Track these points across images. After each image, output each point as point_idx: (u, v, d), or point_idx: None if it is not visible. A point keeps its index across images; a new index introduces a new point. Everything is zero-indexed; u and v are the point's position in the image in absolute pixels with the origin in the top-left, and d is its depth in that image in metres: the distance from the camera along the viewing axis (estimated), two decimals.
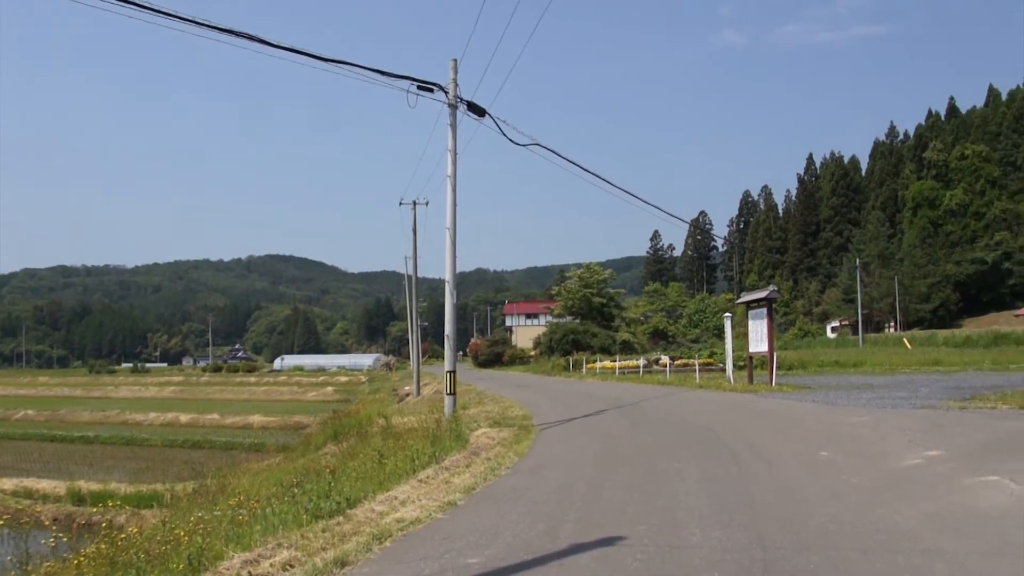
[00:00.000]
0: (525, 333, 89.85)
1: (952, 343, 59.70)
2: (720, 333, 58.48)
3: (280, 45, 13.14)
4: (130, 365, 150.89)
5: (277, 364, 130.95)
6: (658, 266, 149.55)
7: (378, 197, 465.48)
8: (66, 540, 14.69)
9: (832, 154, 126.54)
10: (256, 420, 48.09)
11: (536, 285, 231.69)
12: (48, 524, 20.60)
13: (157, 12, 10.74)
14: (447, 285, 18.17)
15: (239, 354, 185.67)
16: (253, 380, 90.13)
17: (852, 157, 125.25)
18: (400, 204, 40.53)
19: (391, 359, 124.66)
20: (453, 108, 17.52)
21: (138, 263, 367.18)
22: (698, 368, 35.56)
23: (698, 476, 9.41)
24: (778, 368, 27.04)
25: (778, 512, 7.36)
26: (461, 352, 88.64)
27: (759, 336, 25.15)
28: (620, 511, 7.69)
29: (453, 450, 12.91)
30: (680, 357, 48.92)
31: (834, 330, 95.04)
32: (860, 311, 78.81)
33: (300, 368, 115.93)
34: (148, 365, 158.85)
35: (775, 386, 24.05)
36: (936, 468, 9.03)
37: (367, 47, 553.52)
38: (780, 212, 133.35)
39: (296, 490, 11.90)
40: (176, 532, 10.65)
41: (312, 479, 13.23)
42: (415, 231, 40.39)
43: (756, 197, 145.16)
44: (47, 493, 25.81)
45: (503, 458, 11.92)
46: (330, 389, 71.45)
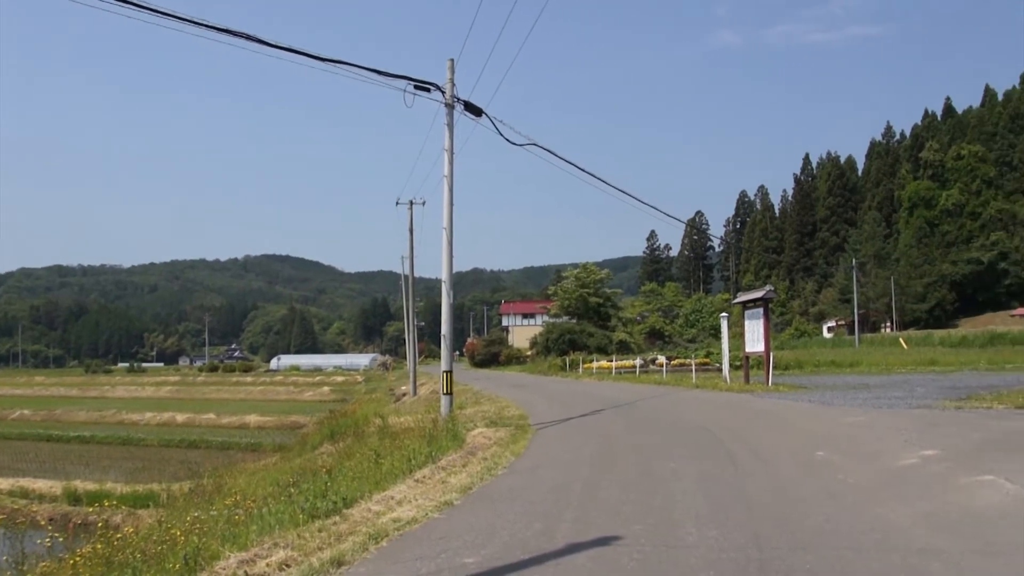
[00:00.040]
0: (522, 333, 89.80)
1: (948, 343, 59.83)
2: (716, 333, 58.40)
3: (277, 45, 13.14)
4: (126, 365, 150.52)
5: (273, 364, 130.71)
6: (655, 266, 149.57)
7: (375, 197, 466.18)
8: (62, 540, 14.69)
9: (828, 154, 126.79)
10: (252, 420, 48.08)
11: (533, 285, 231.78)
12: (44, 524, 20.59)
13: (155, 12, 10.74)
14: (444, 285, 18.17)
15: (235, 354, 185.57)
16: (249, 380, 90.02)
17: (848, 157, 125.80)
18: (397, 204, 40.54)
19: (388, 359, 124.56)
20: (450, 108, 17.52)
21: (134, 263, 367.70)
22: (694, 368, 35.59)
23: (694, 476, 9.41)
24: (774, 368, 27.10)
25: (774, 512, 7.37)
26: (458, 352, 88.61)
27: (755, 336, 25.18)
28: (616, 511, 7.69)
29: (450, 450, 12.91)
30: (676, 357, 48.98)
31: (830, 330, 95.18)
32: (856, 311, 78.92)
33: (296, 368, 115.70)
34: (144, 365, 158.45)
35: (771, 386, 24.08)
36: (932, 468, 9.04)
37: (366, 47, 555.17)
38: (776, 212, 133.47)
39: (292, 490, 11.90)
40: (172, 532, 10.64)
41: (308, 479, 13.23)
42: (412, 231, 40.40)
43: (752, 197, 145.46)
44: (43, 493, 25.81)
45: (500, 458, 11.92)
46: (326, 389, 71.41)
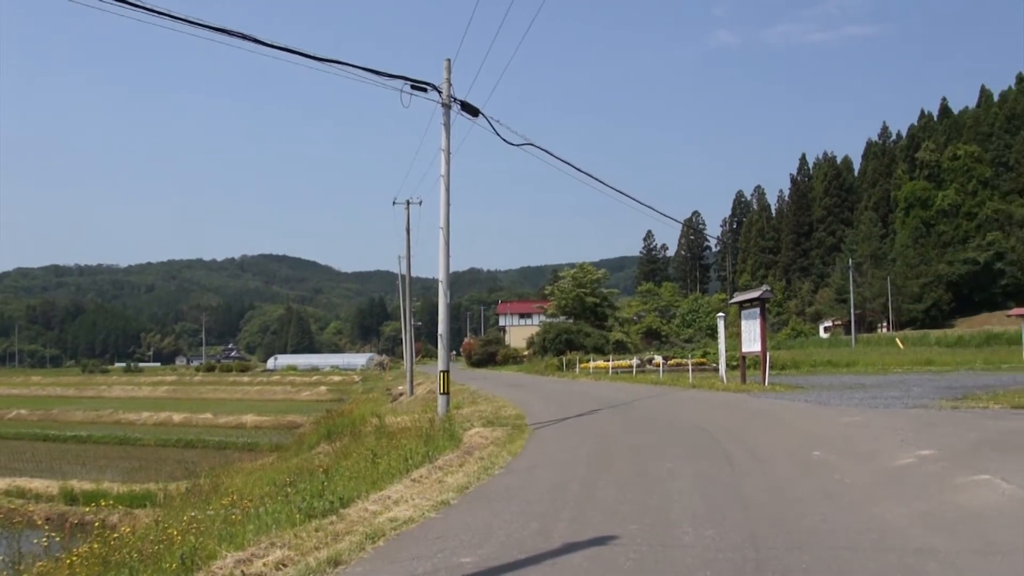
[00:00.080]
0: (518, 333, 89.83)
1: (944, 343, 59.93)
2: (713, 333, 58.46)
3: (274, 44, 13.13)
4: (123, 365, 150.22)
5: (270, 364, 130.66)
6: (651, 266, 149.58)
7: (372, 197, 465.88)
8: (59, 540, 14.67)
9: (825, 154, 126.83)
10: (249, 419, 48.01)
11: (530, 285, 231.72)
12: (41, 523, 20.53)
13: (152, 12, 10.73)
14: (440, 285, 18.17)
15: (232, 354, 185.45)
16: (246, 380, 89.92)
17: (845, 157, 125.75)
18: (394, 204, 40.60)
19: (385, 359, 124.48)
20: (447, 108, 17.54)
21: (131, 262, 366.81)
22: (691, 368, 35.65)
23: (691, 475, 9.42)
24: (771, 368, 27.13)
25: (771, 511, 7.38)
26: (454, 352, 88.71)
27: (752, 336, 25.21)
28: (613, 510, 7.69)
29: (447, 449, 12.91)
30: (673, 357, 49.02)
31: (827, 330, 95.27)
32: (853, 311, 79.04)
33: (293, 368, 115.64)
34: (141, 365, 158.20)
35: (768, 386, 24.10)
36: (928, 467, 9.06)
37: (366, 48, 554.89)
38: (773, 212, 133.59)
39: (289, 489, 11.90)
40: (169, 531, 10.62)
41: (305, 478, 13.23)
42: (408, 231, 40.44)
43: (749, 197, 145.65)
44: (40, 492, 25.76)
45: (496, 457, 11.92)
46: (323, 389, 71.34)
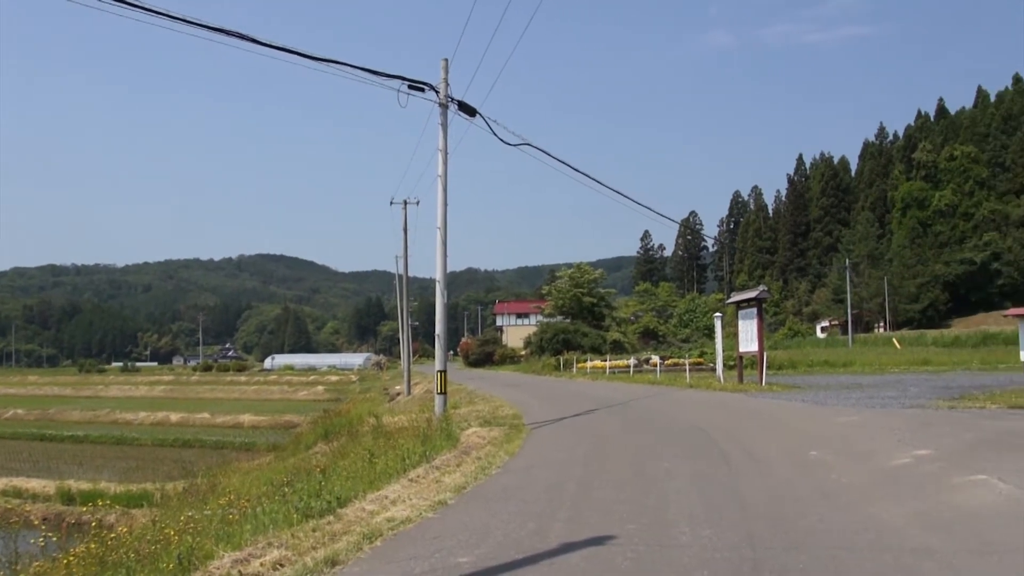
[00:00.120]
0: (516, 333, 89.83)
1: (941, 343, 60.01)
2: (710, 333, 58.55)
3: (271, 44, 13.11)
4: (120, 364, 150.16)
5: (267, 363, 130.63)
6: (648, 266, 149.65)
7: (369, 197, 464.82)
8: (55, 539, 14.63)
9: (822, 155, 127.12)
10: (246, 419, 47.96)
11: (527, 285, 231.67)
12: (37, 523, 20.48)
13: (149, 11, 10.71)
14: (438, 285, 18.16)
15: (229, 353, 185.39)
16: (243, 379, 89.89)
17: (842, 158, 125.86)
18: (391, 204, 40.63)
19: (382, 358, 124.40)
20: (444, 108, 17.52)
21: (128, 262, 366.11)
22: (688, 368, 35.67)
23: (688, 475, 9.43)
24: (768, 368, 27.13)
25: (768, 511, 7.38)
26: (452, 351, 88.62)
27: (749, 336, 25.23)
28: (610, 510, 7.70)
29: (444, 449, 12.91)
30: (670, 357, 49.03)
31: (824, 330, 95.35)
32: (850, 311, 79.14)
33: (290, 367, 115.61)
34: (138, 364, 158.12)
35: (765, 386, 24.13)
36: (925, 467, 9.07)
37: (365, 48, 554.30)
38: (770, 212, 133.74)
39: (286, 489, 11.88)
40: (166, 531, 10.61)
41: (302, 478, 13.21)
42: (406, 231, 40.46)
43: (746, 197, 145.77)
44: (36, 492, 25.72)
45: (494, 457, 11.93)
46: (321, 388, 71.29)
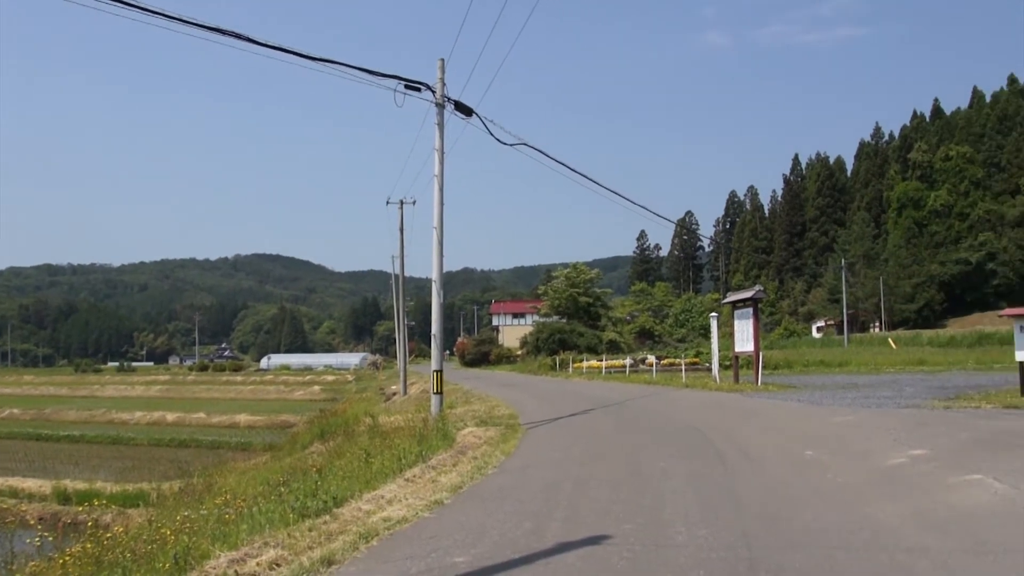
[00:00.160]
0: (512, 332, 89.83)
1: (936, 343, 60.02)
2: (706, 333, 58.60)
3: (268, 44, 13.09)
4: (116, 364, 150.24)
5: (264, 363, 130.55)
6: (645, 266, 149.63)
7: (365, 196, 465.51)
8: (51, 539, 14.61)
9: (818, 155, 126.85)
10: (243, 419, 47.95)
11: (523, 285, 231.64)
12: (33, 523, 20.47)
13: (146, 11, 10.71)
14: (434, 284, 18.16)
15: (226, 353, 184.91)
16: (240, 379, 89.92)
17: (838, 158, 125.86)
18: (387, 203, 40.60)
19: (378, 358, 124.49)
20: (440, 107, 17.53)
21: (124, 262, 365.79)
22: (684, 368, 35.68)
23: (684, 475, 9.44)
24: (764, 368, 27.15)
25: (764, 511, 7.40)
26: (448, 351, 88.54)
27: (745, 336, 25.23)
28: (606, 510, 7.70)
29: (440, 449, 12.91)
30: (666, 357, 49.07)
31: (819, 330, 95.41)
32: (845, 311, 79.18)
33: (287, 367, 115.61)
34: (134, 364, 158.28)
35: (761, 385, 24.13)
36: (921, 467, 9.08)
37: (364, 48, 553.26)
38: (766, 212, 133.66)
39: (283, 489, 11.87)
40: (162, 531, 10.61)
41: (299, 478, 13.21)
42: (402, 230, 40.41)
43: (742, 197, 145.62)
44: (32, 492, 25.68)
45: (490, 457, 11.94)
46: (317, 388, 71.29)
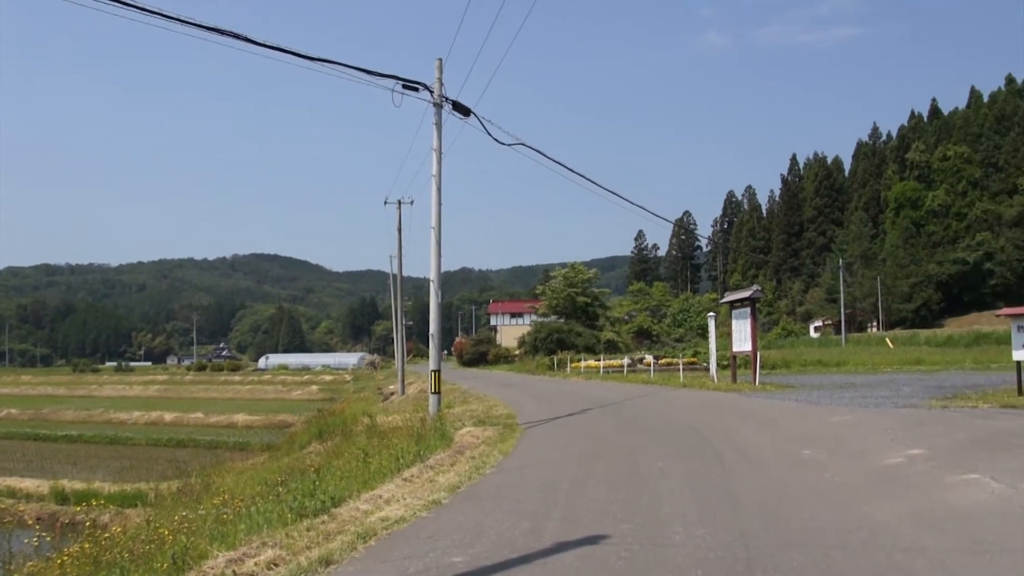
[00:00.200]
0: (510, 332, 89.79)
1: (934, 343, 60.10)
2: (704, 332, 58.56)
3: (266, 44, 13.08)
4: (114, 364, 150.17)
5: (262, 363, 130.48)
6: (642, 266, 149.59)
7: (363, 196, 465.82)
8: (49, 539, 14.62)
9: (815, 155, 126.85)
10: (241, 419, 47.88)
11: (521, 284, 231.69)
12: (31, 523, 20.50)
13: (144, 11, 10.70)
14: (432, 284, 18.17)
15: (223, 353, 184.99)
16: (238, 379, 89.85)
17: (835, 158, 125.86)
18: (385, 203, 40.64)
19: (376, 358, 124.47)
20: (438, 107, 17.54)
21: (122, 262, 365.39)
22: (682, 367, 35.67)
23: (682, 475, 9.44)
24: (761, 367, 27.18)
25: (761, 510, 7.40)
26: (446, 351, 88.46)
27: (743, 335, 25.24)
28: (604, 510, 7.71)
29: (438, 449, 12.91)
30: (664, 356, 49.10)
31: (817, 330, 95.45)
32: (843, 311, 79.25)
33: (285, 367, 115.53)
34: (132, 364, 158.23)
35: (758, 385, 24.14)
36: (918, 467, 9.09)
37: (364, 48, 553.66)
38: (764, 212, 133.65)
39: (281, 489, 11.87)
40: (160, 531, 10.60)
41: (297, 478, 13.20)
42: (400, 230, 40.46)
43: (740, 197, 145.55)
44: (30, 492, 25.64)
45: (488, 457, 11.94)
46: (315, 388, 71.21)
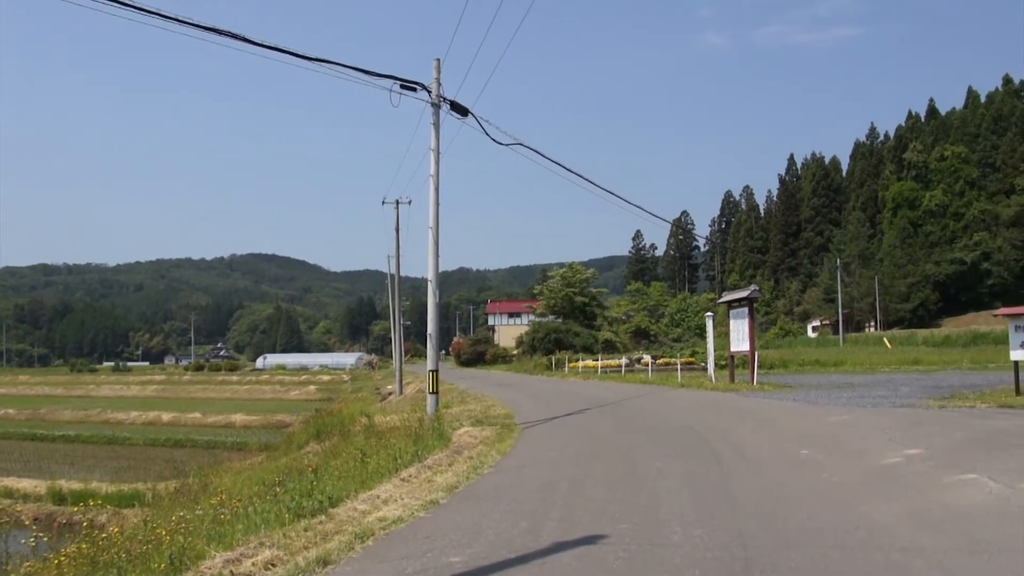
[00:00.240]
0: (508, 332, 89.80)
1: (932, 342, 60.16)
2: (702, 332, 58.53)
3: (264, 44, 13.07)
4: (112, 364, 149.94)
5: (259, 363, 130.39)
6: (640, 266, 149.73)
7: (361, 196, 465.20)
8: (47, 540, 14.62)
9: (813, 155, 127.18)
10: (238, 419, 47.86)
11: (519, 284, 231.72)
12: (28, 523, 20.44)
13: (142, 11, 10.69)
14: (430, 284, 18.16)
15: (221, 353, 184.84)
16: (235, 379, 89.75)
17: (833, 158, 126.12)
18: (383, 203, 40.61)
19: (374, 358, 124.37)
20: (436, 107, 17.54)
21: (120, 261, 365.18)
22: (680, 367, 35.71)
23: (680, 475, 9.43)
24: (759, 367, 27.18)
25: (759, 510, 7.39)
26: (444, 351, 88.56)
27: (740, 335, 25.24)
28: (602, 510, 7.70)
29: (436, 449, 12.91)
30: (662, 356, 49.10)
31: (815, 329, 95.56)
32: (841, 311, 79.30)
33: (282, 367, 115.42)
34: (130, 364, 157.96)
35: (756, 385, 24.14)
36: (916, 466, 9.08)
37: (363, 48, 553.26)
38: (762, 212, 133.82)
39: (278, 489, 11.86)
40: (158, 531, 10.57)
41: (294, 478, 13.20)
42: (398, 230, 40.41)
43: (738, 197, 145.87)
44: (28, 492, 25.62)
45: (485, 457, 11.93)
46: (312, 388, 71.15)
